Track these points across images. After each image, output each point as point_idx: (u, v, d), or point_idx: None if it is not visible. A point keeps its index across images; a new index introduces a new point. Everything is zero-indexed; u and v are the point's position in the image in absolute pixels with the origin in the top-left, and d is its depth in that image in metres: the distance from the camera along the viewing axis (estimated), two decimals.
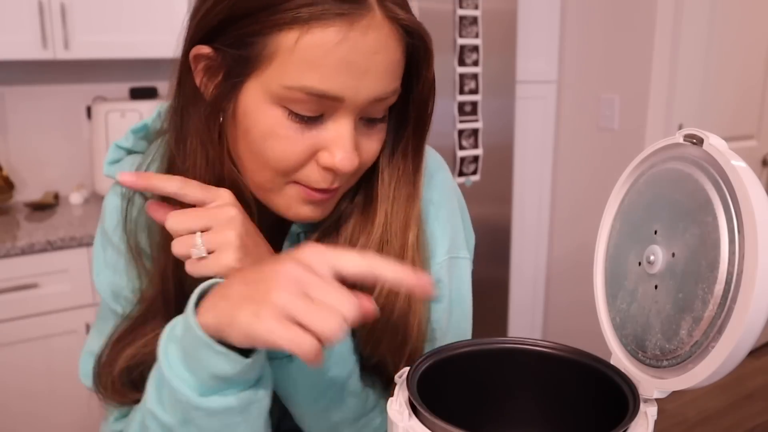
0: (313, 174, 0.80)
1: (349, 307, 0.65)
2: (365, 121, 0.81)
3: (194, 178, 0.82)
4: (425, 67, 0.85)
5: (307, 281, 0.66)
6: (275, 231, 0.93)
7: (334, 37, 0.73)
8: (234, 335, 0.67)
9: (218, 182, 0.83)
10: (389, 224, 0.89)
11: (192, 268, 0.77)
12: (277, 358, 0.83)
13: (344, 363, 0.87)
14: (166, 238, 0.86)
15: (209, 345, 0.68)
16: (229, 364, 0.69)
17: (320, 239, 0.90)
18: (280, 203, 0.84)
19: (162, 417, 0.73)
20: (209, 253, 0.76)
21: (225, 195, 0.80)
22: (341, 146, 0.78)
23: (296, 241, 0.94)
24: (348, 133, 0.78)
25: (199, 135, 0.83)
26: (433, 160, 1.01)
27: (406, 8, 0.82)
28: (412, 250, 0.90)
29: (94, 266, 0.98)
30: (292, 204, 0.84)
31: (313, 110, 0.77)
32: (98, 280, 0.97)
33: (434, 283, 0.94)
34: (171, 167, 0.88)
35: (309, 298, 0.65)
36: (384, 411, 0.90)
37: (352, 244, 0.89)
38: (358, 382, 0.89)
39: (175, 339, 0.72)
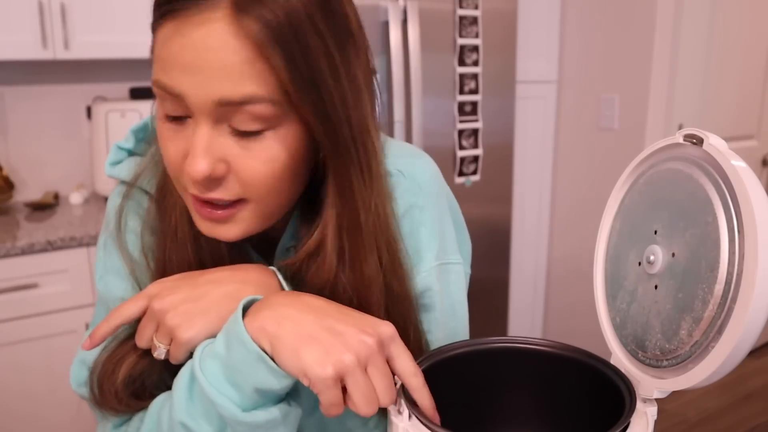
0: (188, 179, 0.78)
1: (389, 400, 0.71)
2: (238, 132, 0.75)
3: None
4: (320, 80, 0.74)
5: (374, 358, 0.71)
6: (265, 246, 0.94)
7: (169, 31, 0.71)
8: (287, 363, 0.70)
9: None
10: (342, 253, 0.84)
11: (172, 361, 0.80)
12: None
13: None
14: (163, 240, 0.89)
15: (264, 360, 0.71)
16: (278, 380, 0.71)
17: (301, 258, 0.86)
18: (191, 213, 0.84)
19: (196, 429, 0.76)
20: (171, 343, 0.79)
21: (149, 291, 0.82)
22: (191, 151, 0.74)
23: (285, 255, 0.91)
24: (199, 138, 0.74)
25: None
26: (421, 162, 0.98)
27: (272, 7, 0.70)
28: (378, 278, 0.86)
29: (96, 269, 0.98)
30: (194, 216, 0.83)
31: (173, 109, 0.75)
32: (100, 284, 0.97)
33: (423, 292, 0.95)
34: (165, 173, 0.89)
35: (366, 373, 0.70)
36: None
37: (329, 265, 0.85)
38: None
39: (215, 355, 0.74)
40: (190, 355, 0.78)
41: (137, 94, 3.02)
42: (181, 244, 0.89)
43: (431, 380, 0.79)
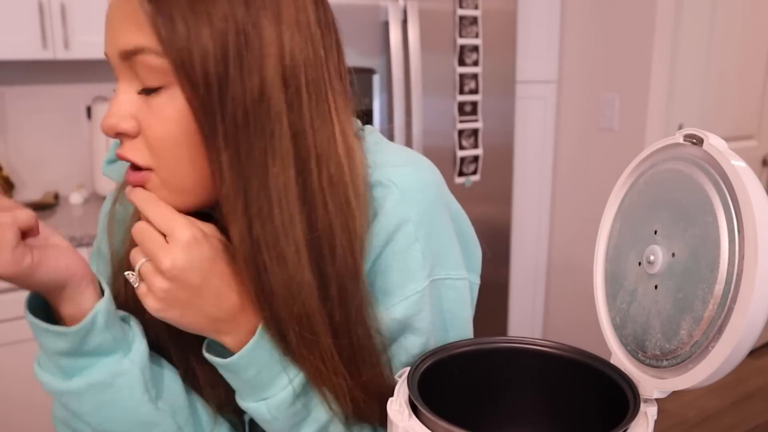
0: None
1: None
2: (144, 91, 0.75)
3: None
4: (181, 26, 0.71)
5: None
6: None
7: None
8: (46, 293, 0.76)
9: None
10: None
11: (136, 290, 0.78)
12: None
13: (325, 405, 0.85)
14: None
15: (36, 325, 0.77)
16: (59, 337, 0.76)
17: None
18: None
19: (60, 415, 0.83)
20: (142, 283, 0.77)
21: (181, 233, 0.75)
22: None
23: None
24: (115, 95, 0.76)
25: None
26: (412, 169, 0.89)
27: None
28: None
29: None
30: None
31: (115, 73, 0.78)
32: None
33: (411, 316, 0.87)
34: None
35: None
36: None
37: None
38: (341, 425, 0.86)
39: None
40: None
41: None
42: None
43: (435, 377, 0.80)
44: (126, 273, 0.79)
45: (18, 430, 2.51)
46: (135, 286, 0.77)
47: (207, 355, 0.82)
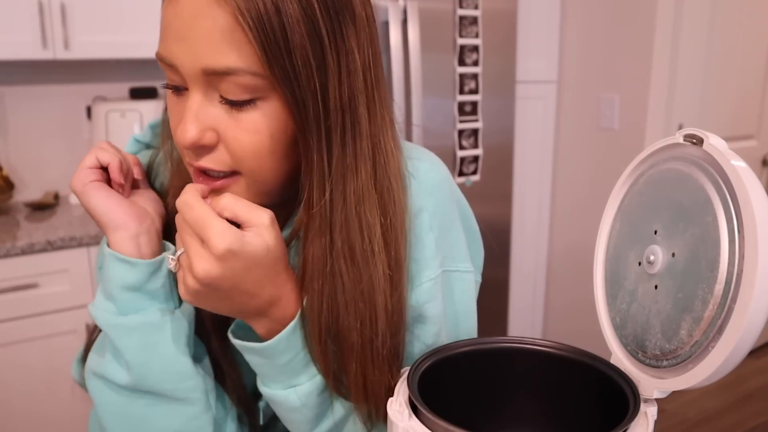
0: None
1: None
2: (227, 103, 0.75)
3: (181, 176, 0.88)
4: (284, 41, 0.72)
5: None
6: None
7: (165, 2, 0.74)
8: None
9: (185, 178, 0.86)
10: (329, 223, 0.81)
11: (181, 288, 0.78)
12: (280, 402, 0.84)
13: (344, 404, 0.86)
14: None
15: (112, 255, 0.82)
16: (131, 268, 0.82)
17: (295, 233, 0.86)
18: None
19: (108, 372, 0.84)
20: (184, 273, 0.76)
21: (216, 243, 0.73)
22: (184, 118, 0.75)
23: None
24: (190, 105, 0.75)
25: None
26: (429, 165, 0.93)
27: None
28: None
29: (97, 258, 0.98)
30: None
31: (172, 80, 0.77)
32: (99, 272, 0.98)
33: (425, 303, 0.90)
34: (179, 165, 0.91)
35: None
36: None
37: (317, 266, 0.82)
38: (358, 420, 0.87)
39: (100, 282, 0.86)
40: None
41: (137, 94, 3.02)
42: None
43: (435, 377, 0.79)
44: (167, 256, 0.80)
45: (18, 429, 2.51)
46: (173, 270, 0.78)
47: (235, 341, 0.83)
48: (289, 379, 0.82)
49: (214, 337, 0.92)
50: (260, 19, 0.69)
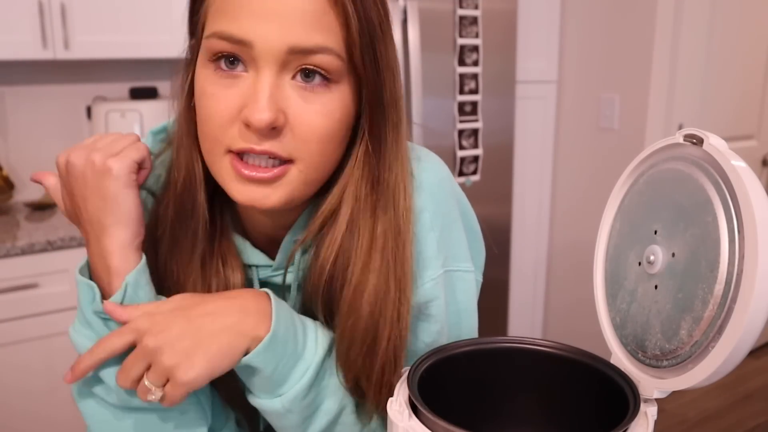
0: (237, 134, 0.77)
1: None
2: (301, 82, 0.76)
3: (182, 177, 0.86)
4: (375, 43, 0.78)
5: None
6: (269, 242, 0.93)
7: None
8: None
9: (193, 177, 0.86)
10: (356, 238, 0.84)
11: (165, 404, 0.77)
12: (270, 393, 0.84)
13: (337, 395, 0.86)
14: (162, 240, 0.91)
15: (84, 283, 0.82)
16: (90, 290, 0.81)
17: (315, 229, 0.87)
18: (224, 180, 0.81)
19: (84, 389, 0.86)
20: (164, 385, 0.76)
21: (138, 324, 0.77)
22: (255, 98, 0.74)
23: (288, 250, 0.91)
24: (263, 85, 0.74)
25: (180, 129, 0.86)
26: (430, 165, 0.95)
27: None
28: (387, 267, 0.84)
29: None
30: (228, 180, 0.80)
31: (234, 58, 0.76)
32: None
33: (428, 302, 0.91)
34: (169, 175, 0.90)
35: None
36: None
37: (335, 252, 0.85)
38: (351, 416, 0.87)
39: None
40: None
41: (137, 94, 3.02)
42: (187, 242, 0.88)
43: (435, 377, 0.79)
44: (149, 398, 0.77)
45: (18, 430, 2.51)
46: (161, 396, 0.76)
47: None
48: (274, 389, 0.82)
49: None
50: (354, 7, 0.74)
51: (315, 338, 0.84)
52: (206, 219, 0.87)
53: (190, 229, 0.87)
